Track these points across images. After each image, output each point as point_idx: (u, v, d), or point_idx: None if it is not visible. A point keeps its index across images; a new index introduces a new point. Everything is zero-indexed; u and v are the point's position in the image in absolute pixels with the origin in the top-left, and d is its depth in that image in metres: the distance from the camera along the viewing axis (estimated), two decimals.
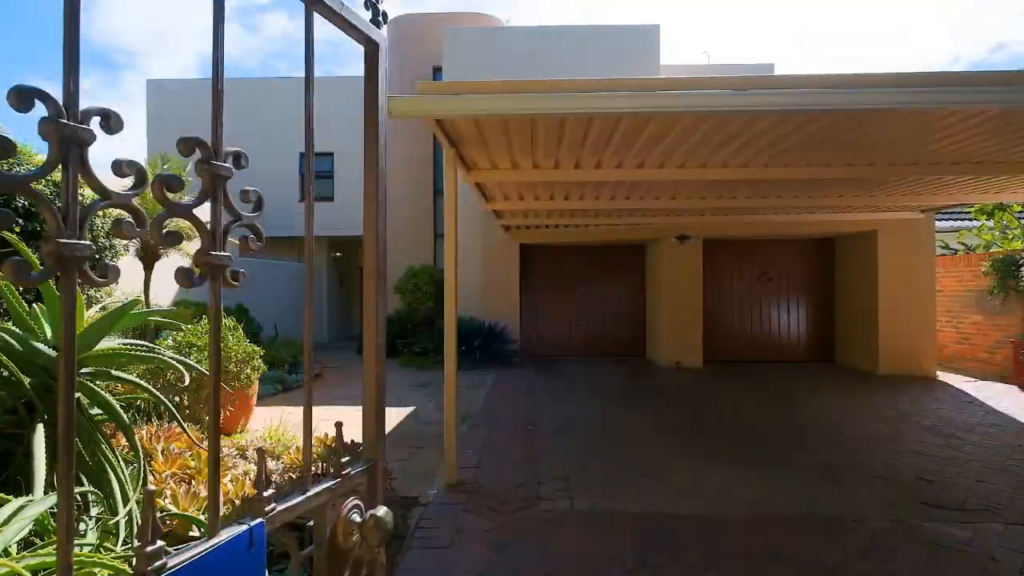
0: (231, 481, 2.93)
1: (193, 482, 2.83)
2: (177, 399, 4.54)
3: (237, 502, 2.66)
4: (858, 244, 10.41)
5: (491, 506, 3.81)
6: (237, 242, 0.85)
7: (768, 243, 11.48)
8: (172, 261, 9.31)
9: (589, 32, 12.67)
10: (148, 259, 8.64)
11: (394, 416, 6.59)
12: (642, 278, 12.44)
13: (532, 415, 6.71)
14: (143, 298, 8.51)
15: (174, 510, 2.42)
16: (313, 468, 3.86)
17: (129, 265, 8.38)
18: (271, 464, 3.62)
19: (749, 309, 11.58)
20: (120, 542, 2.01)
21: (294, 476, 3.32)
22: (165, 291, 9.95)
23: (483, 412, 6.85)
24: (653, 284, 11.86)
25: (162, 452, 3.22)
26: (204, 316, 5.71)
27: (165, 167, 8.69)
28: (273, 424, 5.28)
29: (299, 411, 6.83)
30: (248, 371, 4.80)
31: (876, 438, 5.58)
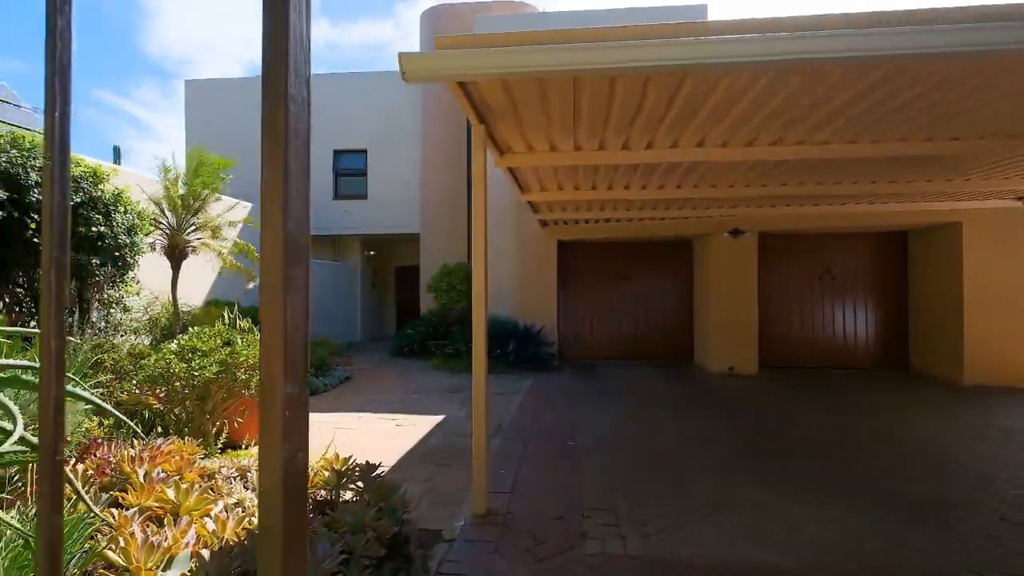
0: (213, 519, 2.42)
1: (165, 522, 2.33)
2: (178, 410, 4.12)
3: (212, 550, 2.13)
4: (938, 237, 9.30)
5: (527, 546, 3.20)
6: None
7: (831, 237, 10.46)
8: (200, 260, 9.09)
9: (631, 15, 11.89)
10: (175, 257, 8.42)
11: (422, 426, 6.07)
12: (689, 276, 11.59)
13: (571, 427, 6.07)
14: (172, 296, 8.29)
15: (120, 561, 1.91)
16: (315, 493, 3.34)
17: (156, 263, 8.17)
18: None
19: (809, 310, 10.59)
20: None
21: None
22: (194, 290, 9.76)
23: (517, 423, 6.25)
24: (702, 283, 11.00)
25: (144, 477, 2.75)
26: (220, 319, 5.31)
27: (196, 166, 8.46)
28: None
29: (324, 419, 6.40)
30: (259, 378, 4.34)
31: (981, 464, 4.70)
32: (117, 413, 2.27)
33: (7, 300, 6.24)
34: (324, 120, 16.24)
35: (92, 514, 2.49)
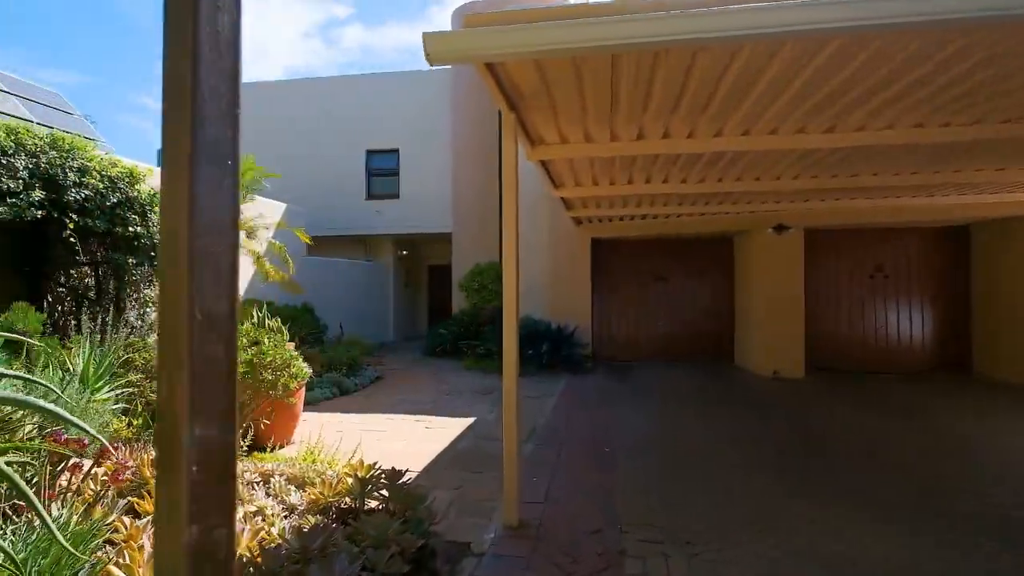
0: None
1: None
2: None
3: None
4: (1007, 231, 8.63)
5: (561, 563, 2.98)
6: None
7: (883, 232, 9.85)
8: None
9: None
10: None
11: (452, 429, 5.90)
12: (729, 274, 11.13)
13: (607, 432, 5.80)
14: None
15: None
16: (339, 501, 3.19)
17: None
18: (291, 497, 2.98)
19: (860, 310, 10.00)
20: None
21: (312, 521, 2.64)
22: None
23: (551, 427, 6.02)
24: (743, 281, 10.54)
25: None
26: (249, 319, 5.26)
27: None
28: (317, 438, 4.71)
29: (354, 419, 6.32)
30: (285, 378, 4.24)
31: None
32: (75, 421, 2.15)
33: (51, 299, 6.35)
34: (356, 120, 16.34)
35: (107, 521, 2.40)
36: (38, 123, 8.50)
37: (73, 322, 6.25)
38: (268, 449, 4.34)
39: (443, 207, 15.34)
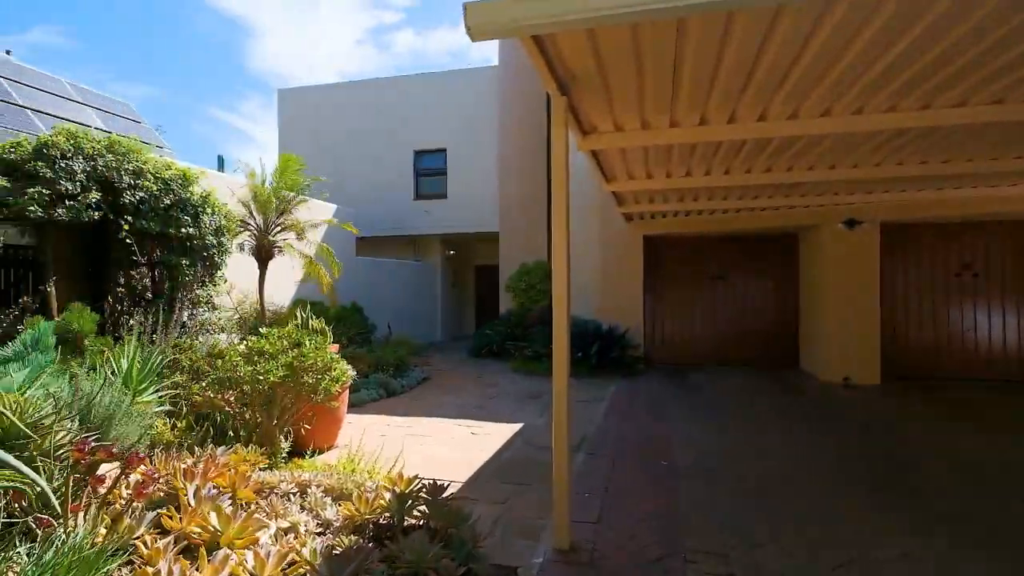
0: (254, 555, 2.10)
1: (199, 556, 2.03)
2: (247, 415, 3.95)
3: None
4: None
5: None
6: None
7: (973, 226, 8.92)
8: (288, 260, 9.25)
9: None
10: (262, 257, 8.60)
11: (499, 435, 5.65)
12: (794, 273, 10.40)
13: (664, 443, 5.40)
14: (259, 295, 8.47)
15: None
16: (376, 517, 2.98)
17: (249, 263, 8.38)
18: (327, 512, 2.79)
19: (944, 312, 9.09)
20: None
21: (346, 543, 2.43)
22: (280, 290, 10.00)
23: (602, 436, 5.67)
24: (809, 280, 9.81)
25: (193, 495, 2.50)
26: (293, 319, 5.17)
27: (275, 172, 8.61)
28: (359, 444, 4.56)
29: (399, 423, 6.17)
30: (327, 382, 4.09)
31: None
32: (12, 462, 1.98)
33: (111, 300, 6.50)
34: (404, 121, 16.41)
35: (133, 537, 2.26)
36: (103, 130, 8.82)
37: (132, 322, 6.40)
38: (308, 454, 4.21)
39: (490, 206, 15.18)
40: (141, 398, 3.71)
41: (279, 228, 8.76)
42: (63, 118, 9.13)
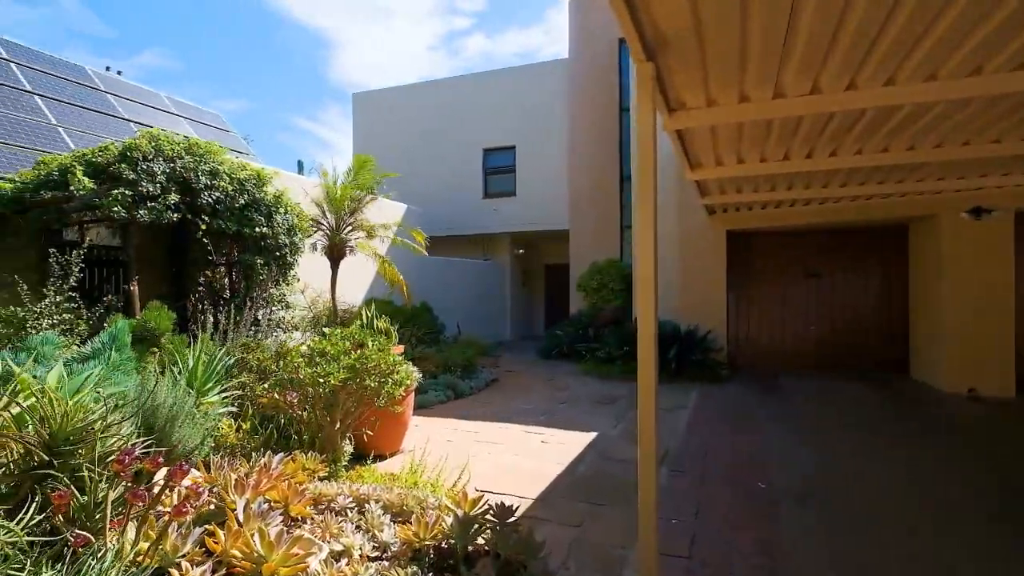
0: None
1: None
2: (309, 418, 3.80)
3: None
4: None
5: None
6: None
7: None
8: (361, 259, 9.30)
9: None
10: (334, 257, 8.68)
11: (571, 445, 5.25)
12: (902, 269, 9.24)
13: (758, 460, 4.79)
14: (331, 294, 8.54)
15: None
16: (436, 541, 2.65)
17: (314, 264, 8.48)
18: (384, 534, 2.52)
19: None
20: None
21: (403, 574, 2.13)
22: (351, 289, 10.09)
23: (687, 450, 5.13)
24: (923, 276, 8.66)
25: (243, 510, 2.31)
26: (358, 319, 5.03)
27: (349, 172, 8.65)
28: (423, 451, 4.32)
29: (466, 427, 5.92)
30: (390, 386, 3.87)
31: None
32: None
33: (193, 298, 6.68)
34: (474, 119, 16.31)
35: (177, 556, 2.08)
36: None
37: (211, 320, 6.57)
38: (371, 460, 4.01)
39: (560, 204, 14.77)
40: (206, 398, 3.64)
41: (350, 227, 8.80)
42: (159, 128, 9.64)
